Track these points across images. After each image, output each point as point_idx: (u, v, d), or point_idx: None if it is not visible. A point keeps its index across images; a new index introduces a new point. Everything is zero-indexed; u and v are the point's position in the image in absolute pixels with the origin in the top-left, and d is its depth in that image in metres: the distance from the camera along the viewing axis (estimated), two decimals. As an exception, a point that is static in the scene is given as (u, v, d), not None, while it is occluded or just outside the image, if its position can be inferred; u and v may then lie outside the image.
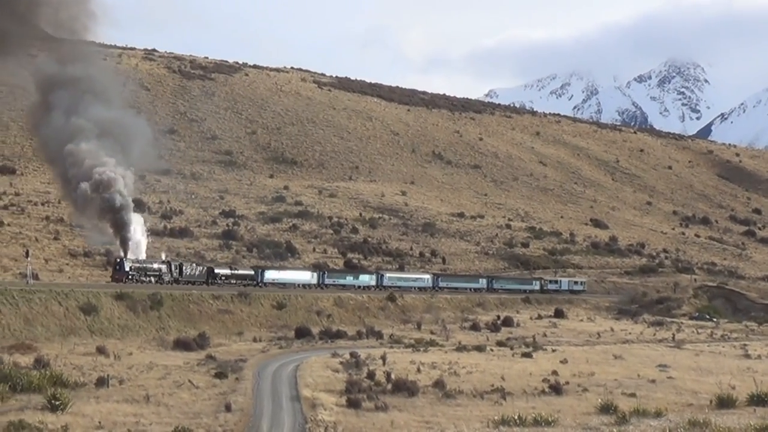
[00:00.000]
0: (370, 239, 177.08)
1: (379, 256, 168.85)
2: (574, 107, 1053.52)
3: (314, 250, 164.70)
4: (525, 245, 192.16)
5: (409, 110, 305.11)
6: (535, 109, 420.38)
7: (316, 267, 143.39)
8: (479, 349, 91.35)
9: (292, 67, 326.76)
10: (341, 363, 73.47)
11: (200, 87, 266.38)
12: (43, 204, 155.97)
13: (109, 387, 55.86)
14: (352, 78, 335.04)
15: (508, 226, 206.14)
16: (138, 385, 57.78)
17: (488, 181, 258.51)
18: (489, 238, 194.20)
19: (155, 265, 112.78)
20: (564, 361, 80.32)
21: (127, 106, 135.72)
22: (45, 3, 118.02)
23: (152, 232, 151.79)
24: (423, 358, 79.22)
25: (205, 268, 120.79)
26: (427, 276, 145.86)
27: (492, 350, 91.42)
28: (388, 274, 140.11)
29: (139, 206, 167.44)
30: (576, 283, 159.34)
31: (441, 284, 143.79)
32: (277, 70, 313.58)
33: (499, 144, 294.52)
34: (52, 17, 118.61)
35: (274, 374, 66.19)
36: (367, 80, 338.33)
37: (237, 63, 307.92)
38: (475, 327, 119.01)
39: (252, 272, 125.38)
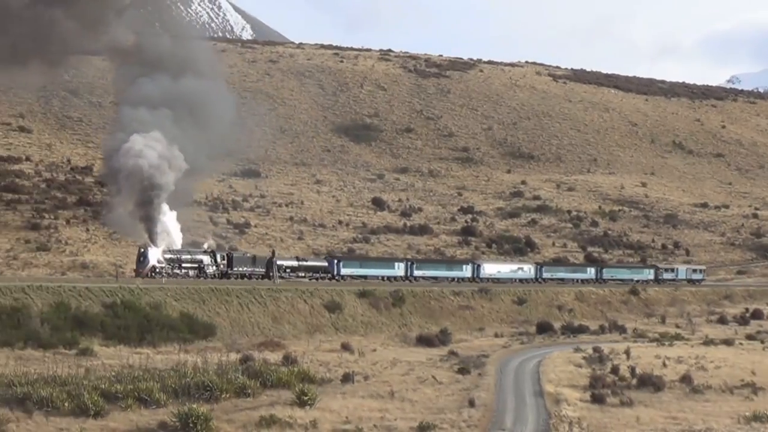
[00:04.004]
0: (610, 232, 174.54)
1: (620, 249, 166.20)
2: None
3: (554, 244, 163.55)
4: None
5: (647, 100, 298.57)
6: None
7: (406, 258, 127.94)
8: (727, 342, 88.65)
9: (526, 62, 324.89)
10: (584, 358, 72.61)
11: (435, 85, 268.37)
12: (286, 205, 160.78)
13: (354, 383, 56.89)
14: (587, 69, 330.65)
15: (755, 216, 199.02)
16: (382, 381, 58.61)
17: (732, 170, 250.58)
18: (735, 229, 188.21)
19: (196, 256, 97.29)
20: (820, 355, 77.06)
21: (220, 84, 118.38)
22: None
23: (392, 230, 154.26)
24: (668, 353, 77.46)
25: (266, 258, 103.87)
26: (528, 266, 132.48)
27: (741, 344, 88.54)
28: (485, 265, 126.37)
29: (379, 204, 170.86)
30: (695, 271, 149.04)
31: (545, 275, 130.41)
32: (512, 65, 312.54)
33: (743, 131, 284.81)
34: None
35: (516, 369, 66.04)
36: (602, 71, 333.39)
37: (471, 60, 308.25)
38: (722, 320, 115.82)
39: (325, 264, 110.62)
